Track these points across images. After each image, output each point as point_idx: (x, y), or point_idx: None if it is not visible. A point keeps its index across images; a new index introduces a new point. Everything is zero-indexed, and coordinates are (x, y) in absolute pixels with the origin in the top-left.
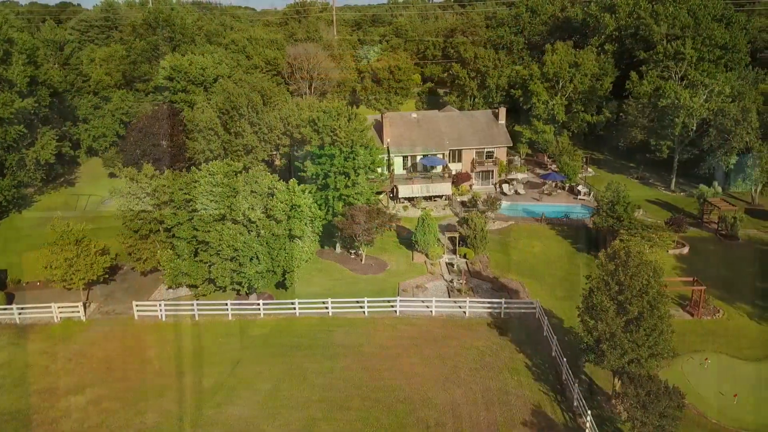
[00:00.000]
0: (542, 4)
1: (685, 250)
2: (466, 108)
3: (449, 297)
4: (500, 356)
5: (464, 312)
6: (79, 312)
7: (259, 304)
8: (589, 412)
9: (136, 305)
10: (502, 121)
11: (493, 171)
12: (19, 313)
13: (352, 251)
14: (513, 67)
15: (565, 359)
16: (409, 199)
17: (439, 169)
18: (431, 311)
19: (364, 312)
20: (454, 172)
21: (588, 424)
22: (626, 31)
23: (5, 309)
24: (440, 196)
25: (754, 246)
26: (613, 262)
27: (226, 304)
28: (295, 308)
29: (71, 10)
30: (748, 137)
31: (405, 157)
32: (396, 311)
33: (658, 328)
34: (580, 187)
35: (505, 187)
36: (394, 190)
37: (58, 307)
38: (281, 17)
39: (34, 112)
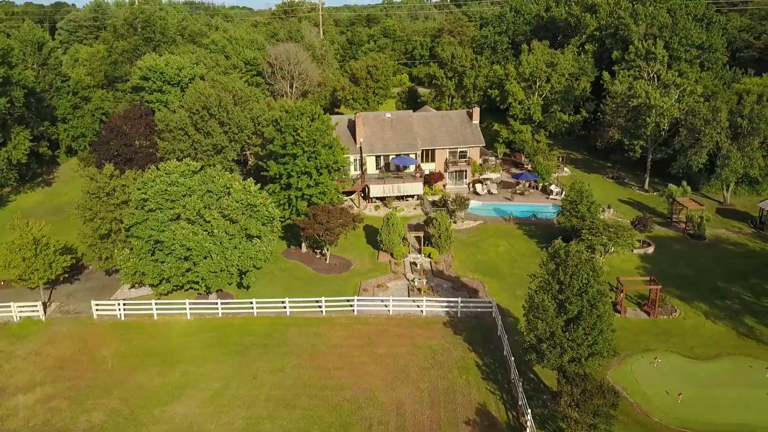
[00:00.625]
0: (526, 3)
1: (651, 249)
2: (444, 108)
3: (409, 296)
4: (452, 355)
5: (421, 311)
6: (38, 311)
7: (217, 304)
8: (528, 410)
9: (95, 305)
10: (476, 121)
11: (466, 171)
12: None
13: (318, 251)
14: (491, 67)
15: (513, 358)
16: (381, 199)
17: (412, 168)
18: (388, 310)
19: (321, 311)
20: (427, 172)
21: (528, 423)
22: (606, 31)
23: None
24: (412, 196)
25: (719, 246)
26: (554, 261)
27: (185, 304)
28: (252, 308)
29: (65, 10)
30: (718, 137)
31: (378, 157)
32: (353, 310)
33: (598, 326)
34: (552, 187)
35: (478, 186)
36: (366, 189)
37: (18, 307)
38: (268, 17)
39: (8, 112)
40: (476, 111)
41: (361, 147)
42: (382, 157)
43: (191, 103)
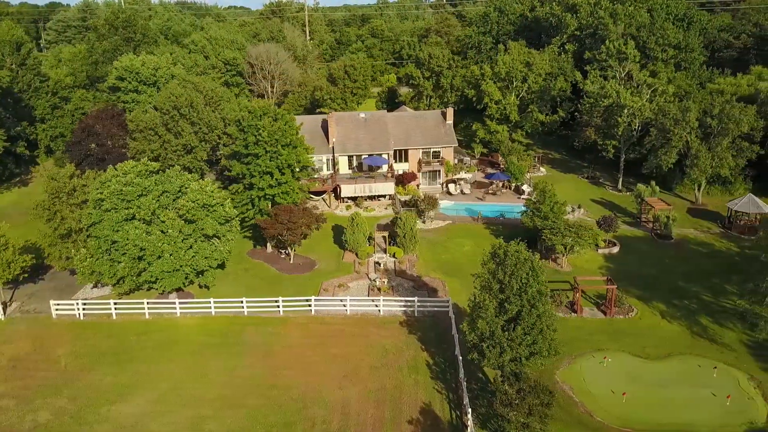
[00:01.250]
0: (510, 3)
1: (616, 249)
2: (423, 108)
3: (369, 296)
4: (404, 354)
5: (379, 311)
6: None
7: (175, 303)
8: (470, 410)
9: (55, 304)
10: (450, 121)
11: (439, 171)
12: None
13: (283, 251)
14: (470, 67)
15: (461, 357)
16: (353, 199)
17: (384, 168)
18: (346, 310)
19: (279, 311)
20: (400, 172)
21: (469, 423)
22: (586, 31)
23: None
24: (384, 196)
25: (685, 245)
26: (494, 260)
27: (143, 303)
28: (210, 307)
29: (60, 10)
30: (688, 137)
31: (350, 157)
32: (311, 310)
33: (537, 326)
34: (524, 187)
35: (452, 186)
36: (337, 189)
37: None
38: (256, 18)
39: None
40: (450, 111)
41: (333, 147)
42: (354, 157)
43: (162, 104)
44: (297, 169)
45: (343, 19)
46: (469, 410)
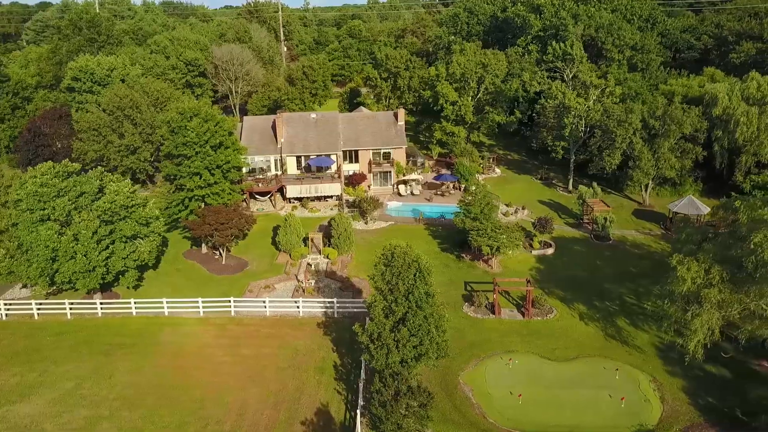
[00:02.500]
0: (480, 4)
1: (550, 250)
2: (381, 109)
3: (293, 297)
4: (314, 356)
5: (299, 312)
6: None
7: (96, 304)
8: (359, 411)
9: None
10: (402, 122)
11: (391, 172)
12: None
13: (217, 251)
14: (428, 68)
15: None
16: (299, 199)
17: (334, 169)
18: (266, 311)
19: (199, 312)
20: (351, 173)
21: (357, 423)
22: (548, 32)
23: None
24: (331, 197)
25: (622, 247)
26: (383, 262)
27: (65, 304)
28: (131, 308)
29: (49, 10)
30: (632, 138)
31: (299, 158)
32: (231, 311)
33: (424, 327)
34: (473, 188)
35: (402, 188)
36: (283, 190)
37: None
38: (233, 18)
39: None
40: (401, 112)
41: (281, 147)
42: (303, 158)
43: (106, 104)
44: (226, 170)
45: (334, 19)
46: (359, 411)
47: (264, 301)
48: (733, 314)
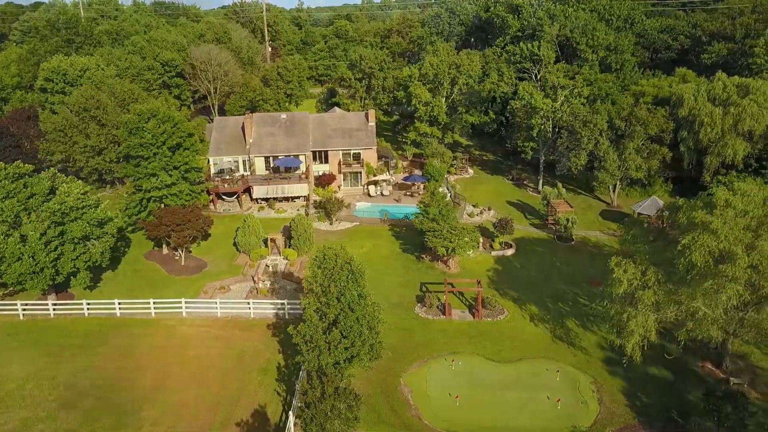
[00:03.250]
0: (461, 4)
1: (510, 251)
2: (357, 110)
3: (246, 298)
4: (260, 357)
5: (250, 313)
6: None
7: (48, 304)
8: (291, 413)
9: None
10: (372, 123)
11: (361, 172)
12: None
13: (177, 252)
14: (403, 69)
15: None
16: (266, 200)
17: (302, 169)
18: (217, 312)
19: (151, 313)
20: (321, 173)
21: (290, 423)
22: (526, 32)
23: None
24: (299, 197)
25: (583, 248)
26: (316, 264)
27: (16, 304)
28: (83, 309)
29: (44, 9)
30: (599, 138)
31: (267, 158)
32: (182, 312)
33: (356, 329)
34: (441, 189)
35: (372, 188)
36: (250, 190)
37: None
38: (221, 18)
39: None
40: (372, 113)
41: (249, 148)
42: (271, 158)
43: (72, 105)
44: (184, 171)
45: (329, 19)
46: (291, 413)
47: (216, 303)
48: (669, 316)
